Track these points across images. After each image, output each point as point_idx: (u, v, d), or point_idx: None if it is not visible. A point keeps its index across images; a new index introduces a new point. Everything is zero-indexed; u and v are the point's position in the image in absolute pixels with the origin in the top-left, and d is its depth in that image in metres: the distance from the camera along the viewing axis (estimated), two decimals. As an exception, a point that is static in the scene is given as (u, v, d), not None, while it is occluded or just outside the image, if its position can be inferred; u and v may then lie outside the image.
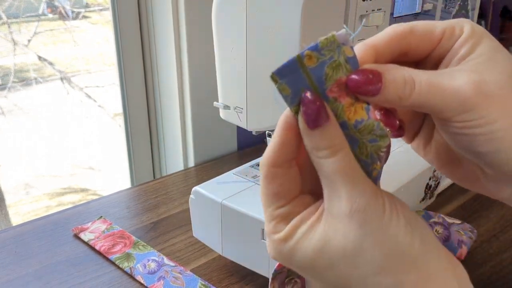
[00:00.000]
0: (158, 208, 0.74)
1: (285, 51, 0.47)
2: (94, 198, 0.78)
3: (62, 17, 0.99)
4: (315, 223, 0.25)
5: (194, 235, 0.59)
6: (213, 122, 0.89)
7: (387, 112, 0.27)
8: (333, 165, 0.24)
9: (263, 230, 0.49)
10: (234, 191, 0.54)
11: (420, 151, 0.32)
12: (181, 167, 0.92)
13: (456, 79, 0.24)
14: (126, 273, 0.58)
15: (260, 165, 0.26)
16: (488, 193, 0.29)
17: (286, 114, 0.25)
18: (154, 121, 0.95)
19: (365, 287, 0.24)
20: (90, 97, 1.08)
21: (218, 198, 0.53)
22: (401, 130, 0.28)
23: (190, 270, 0.58)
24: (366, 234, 0.23)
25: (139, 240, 0.64)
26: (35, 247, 0.63)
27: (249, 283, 0.56)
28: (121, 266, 0.59)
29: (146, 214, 0.72)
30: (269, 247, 0.26)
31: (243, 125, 0.55)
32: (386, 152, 0.25)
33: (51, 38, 1.01)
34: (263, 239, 0.50)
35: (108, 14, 0.86)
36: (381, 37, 0.26)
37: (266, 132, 0.57)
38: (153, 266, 0.58)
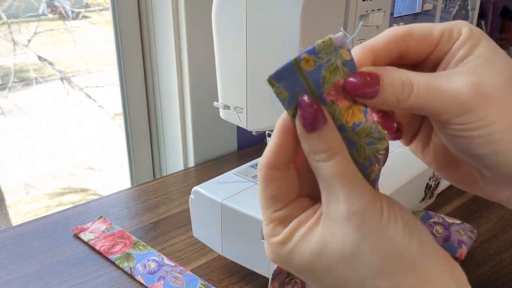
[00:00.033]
0: (158, 208, 0.74)
1: (285, 51, 0.47)
2: (94, 198, 0.78)
3: (62, 17, 0.99)
4: (313, 226, 0.25)
5: (194, 235, 0.59)
6: (213, 122, 0.90)
7: (385, 114, 0.27)
8: (330, 168, 0.24)
9: (263, 230, 0.49)
10: (234, 191, 0.54)
11: (418, 154, 0.31)
12: (181, 167, 0.92)
13: (454, 81, 0.24)
14: (126, 273, 0.58)
15: (258, 167, 0.26)
16: (486, 195, 0.29)
17: (283, 117, 0.25)
18: (154, 121, 0.95)
19: None
20: (90, 97, 1.08)
21: (218, 198, 0.53)
22: (399, 133, 0.28)
23: (190, 270, 0.58)
24: (364, 237, 0.24)
25: (139, 240, 0.64)
26: (35, 247, 0.63)
27: (249, 283, 0.56)
28: (121, 266, 0.59)
29: (146, 214, 0.72)
30: (267, 250, 0.27)
31: (243, 125, 0.55)
32: (384, 154, 0.25)
33: (51, 38, 1.01)
34: (263, 239, 0.50)
35: (108, 14, 0.86)
36: (379, 39, 0.26)
37: (266, 132, 0.57)
38: (153, 266, 0.58)
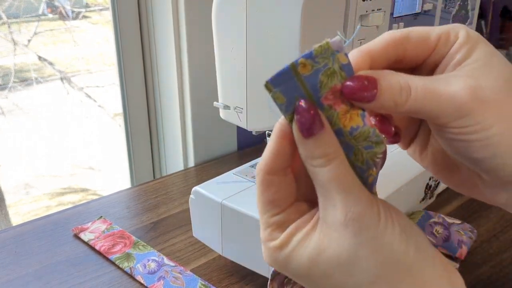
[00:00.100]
0: (158, 208, 0.74)
1: (285, 51, 0.47)
2: (94, 198, 0.78)
3: (62, 17, 0.99)
4: (311, 232, 0.25)
5: (194, 235, 0.59)
6: (213, 122, 0.90)
7: (383, 118, 0.27)
8: (328, 173, 0.24)
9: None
10: (234, 191, 0.54)
11: (416, 157, 0.31)
12: (181, 167, 0.92)
13: (452, 85, 0.24)
14: (126, 273, 0.58)
15: (256, 172, 0.26)
16: (484, 198, 0.28)
17: (280, 122, 0.25)
18: (154, 121, 0.95)
19: None
20: (90, 97, 1.09)
21: (218, 198, 0.53)
22: (396, 137, 0.29)
23: (190, 270, 0.58)
24: (361, 242, 0.24)
25: (139, 240, 0.64)
26: (35, 247, 0.63)
27: (249, 283, 0.56)
28: (121, 266, 0.59)
29: (146, 214, 0.72)
30: (264, 254, 0.27)
31: (243, 125, 0.55)
32: (382, 158, 0.25)
33: (51, 38, 1.01)
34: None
35: (108, 14, 0.86)
36: (376, 43, 0.26)
37: (266, 132, 0.57)
38: (153, 266, 0.58)
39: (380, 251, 0.24)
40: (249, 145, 0.99)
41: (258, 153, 0.27)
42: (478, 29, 1.43)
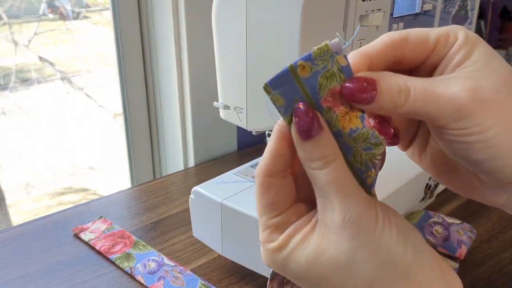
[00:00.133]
0: (158, 208, 0.74)
1: (285, 51, 0.47)
2: (95, 198, 0.78)
3: (63, 17, 0.99)
4: (309, 234, 0.25)
5: (194, 235, 0.59)
6: (213, 122, 0.90)
7: (382, 120, 0.27)
8: (326, 176, 0.24)
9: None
10: (234, 191, 0.54)
11: (415, 159, 0.31)
12: (181, 167, 0.92)
13: (451, 86, 0.24)
14: (126, 273, 0.58)
15: (255, 174, 0.27)
16: (483, 200, 0.28)
17: (279, 124, 0.25)
18: (154, 121, 0.95)
19: None
20: (90, 97, 1.09)
21: (218, 198, 0.53)
22: (396, 138, 0.29)
23: (190, 270, 0.58)
24: (359, 245, 0.24)
25: (139, 240, 0.64)
26: (36, 247, 0.63)
27: (249, 283, 0.56)
28: (121, 266, 0.59)
29: (146, 214, 0.72)
30: (263, 256, 0.27)
31: (243, 125, 0.55)
32: (381, 159, 0.25)
33: (52, 39, 1.01)
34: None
35: (108, 14, 0.86)
36: (375, 45, 0.26)
37: (266, 132, 0.57)
38: (153, 266, 0.59)
39: (377, 254, 0.24)
40: (249, 145, 0.99)
41: (258, 153, 0.27)
42: (478, 29, 1.43)
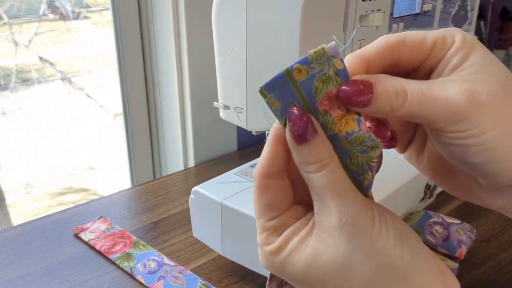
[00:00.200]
0: (158, 208, 0.74)
1: (285, 51, 0.47)
2: (95, 198, 0.78)
3: (63, 17, 1.00)
4: (306, 236, 0.25)
5: (194, 235, 0.60)
6: (213, 122, 0.90)
7: (379, 123, 0.27)
8: (322, 179, 0.24)
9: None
10: (234, 191, 0.54)
11: (412, 161, 0.31)
12: (181, 167, 0.92)
13: (448, 89, 0.24)
14: (126, 272, 0.58)
15: (253, 176, 0.27)
16: (481, 202, 0.28)
17: (275, 127, 0.25)
18: (154, 121, 0.95)
19: None
20: (90, 97, 1.09)
21: (218, 198, 0.53)
22: (393, 141, 0.29)
23: (190, 270, 0.58)
24: (356, 247, 0.24)
25: (139, 240, 0.64)
26: (36, 247, 0.63)
27: (249, 283, 0.56)
28: (121, 266, 0.59)
29: (146, 214, 0.72)
30: (261, 258, 0.27)
31: (243, 125, 0.55)
32: (378, 162, 0.25)
33: (52, 39, 1.01)
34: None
35: (108, 15, 0.86)
36: (372, 47, 0.26)
37: (266, 132, 0.57)
38: (153, 265, 0.59)
39: (374, 256, 0.24)
40: (249, 145, 0.99)
41: (258, 153, 0.27)
42: (478, 29, 1.43)
